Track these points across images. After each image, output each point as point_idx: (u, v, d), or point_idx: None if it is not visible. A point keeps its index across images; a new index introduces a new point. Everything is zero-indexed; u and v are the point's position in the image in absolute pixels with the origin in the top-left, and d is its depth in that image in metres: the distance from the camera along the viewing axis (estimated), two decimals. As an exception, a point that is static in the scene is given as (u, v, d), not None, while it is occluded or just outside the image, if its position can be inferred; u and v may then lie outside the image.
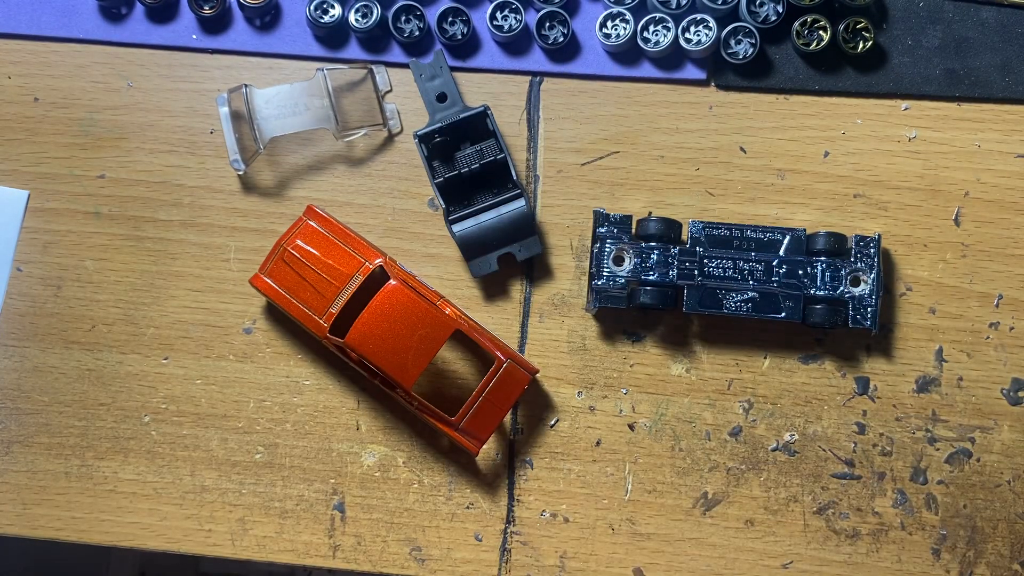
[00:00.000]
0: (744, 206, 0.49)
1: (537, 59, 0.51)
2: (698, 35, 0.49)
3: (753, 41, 0.49)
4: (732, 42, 0.49)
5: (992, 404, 0.48)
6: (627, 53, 0.50)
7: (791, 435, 0.48)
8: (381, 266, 0.46)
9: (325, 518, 0.49)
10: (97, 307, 0.50)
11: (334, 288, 0.46)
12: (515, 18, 0.50)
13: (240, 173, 0.50)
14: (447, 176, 0.48)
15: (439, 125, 0.48)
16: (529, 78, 0.51)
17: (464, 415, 0.46)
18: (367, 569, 0.48)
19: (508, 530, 0.48)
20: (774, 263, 0.47)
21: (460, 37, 0.50)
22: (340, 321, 0.46)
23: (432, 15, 0.50)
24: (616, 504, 0.48)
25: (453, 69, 0.51)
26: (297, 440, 0.49)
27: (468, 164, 0.48)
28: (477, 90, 0.51)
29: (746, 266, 0.47)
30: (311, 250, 0.47)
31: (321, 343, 0.48)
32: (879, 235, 0.47)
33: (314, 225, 0.48)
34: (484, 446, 0.47)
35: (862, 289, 0.47)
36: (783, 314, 0.47)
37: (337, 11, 0.50)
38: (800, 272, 0.46)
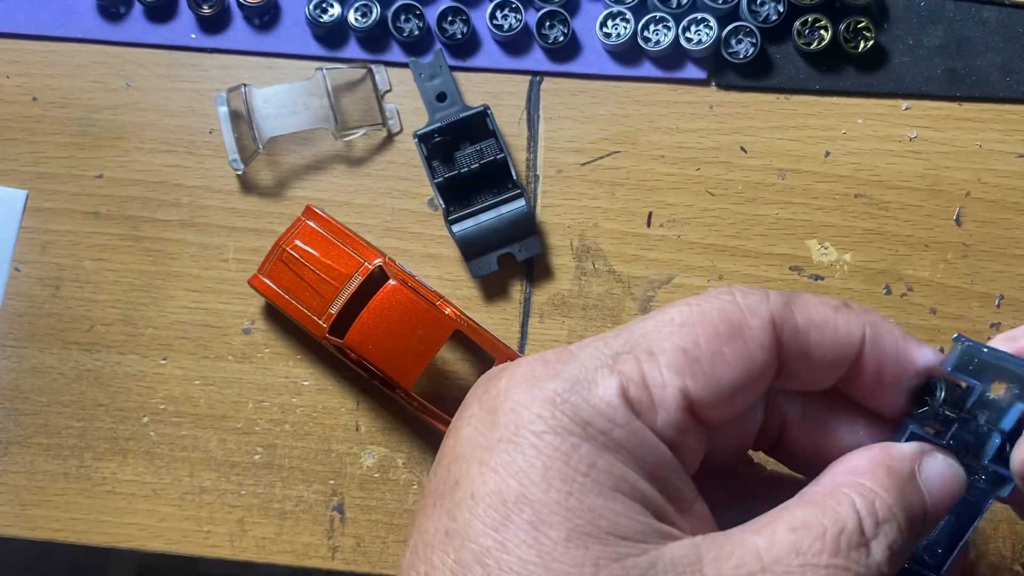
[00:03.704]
0: (744, 206, 0.49)
1: (537, 58, 0.50)
2: (699, 34, 0.49)
3: (754, 41, 0.49)
4: (733, 41, 0.49)
5: (993, 405, 0.48)
6: (627, 52, 0.50)
7: (792, 436, 0.48)
8: (380, 266, 0.46)
9: (324, 519, 0.48)
10: (95, 307, 0.50)
11: (333, 288, 0.46)
12: (515, 17, 0.50)
13: (239, 173, 0.50)
14: (447, 176, 0.48)
15: (439, 125, 0.48)
16: (529, 77, 0.51)
17: (464, 416, 0.46)
18: (366, 570, 0.48)
19: (508, 531, 0.48)
20: None
21: (460, 36, 0.50)
22: (339, 322, 0.46)
23: (432, 14, 0.50)
24: (616, 505, 0.48)
25: (453, 68, 0.50)
26: (296, 441, 0.49)
27: (468, 164, 0.48)
28: (477, 90, 0.51)
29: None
30: (310, 250, 0.47)
31: (320, 344, 0.48)
32: None
33: (313, 225, 0.47)
34: (484, 447, 0.47)
35: None
36: None
37: (336, 10, 0.50)
38: None
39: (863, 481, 0.29)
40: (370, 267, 0.46)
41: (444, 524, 0.27)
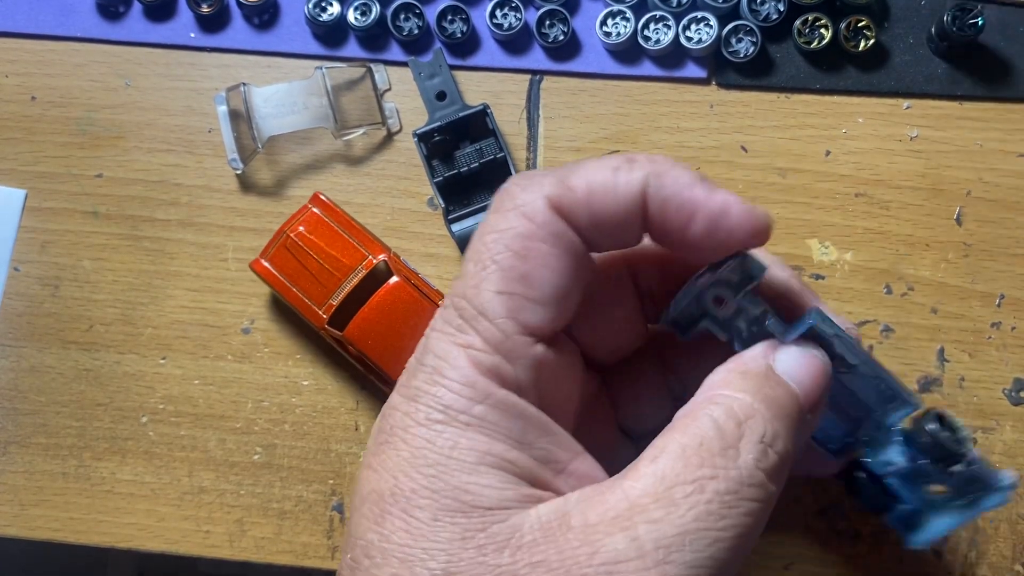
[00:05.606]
0: (745, 205, 0.49)
1: (537, 57, 0.50)
2: (699, 33, 0.49)
3: (754, 39, 0.49)
4: (733, 40, 0.49)
5: (994, 404, 0.48)
6: (627, 51, 0.50)
7: (792, 435, 0.48)
8: (385, 261, 0.46)
9: (324, 519, 0.48)
10: (95, 307, 0.50)
11: (336, 279, 0.46)
12: (515, 16, 0.50)
13: (238, 172, 0.50)
14: (446, 175, 0.48)
15: (438, 124, 0.48)
16: (529, 76, 0.51)
17: (464, 415, 0.46)
18: (366, 570, 0.48)
19: (508, 531, 0.48)
20: None
21: (459, 35, 0.50)
22: (339, 313, 0.45)
23: (431, 13, 0.50)
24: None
25: (452, 67, 0.50)
26: (295, 441, 0.49)
27: (467, 163, 0.48)
28: (476, 88, 0.50)
29: None
30: (314, 239, 0.46)
31: (320, 340, 0.48)
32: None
33: (319, 213, 0.47)
34: (484, 446, 0.47)
35: None
36: None
37: (336, 9, 0.50)
38: None
39: (719, 391, 0.30)
40: (375, 261, 0.46)
41: (349, 529, 0.30)
